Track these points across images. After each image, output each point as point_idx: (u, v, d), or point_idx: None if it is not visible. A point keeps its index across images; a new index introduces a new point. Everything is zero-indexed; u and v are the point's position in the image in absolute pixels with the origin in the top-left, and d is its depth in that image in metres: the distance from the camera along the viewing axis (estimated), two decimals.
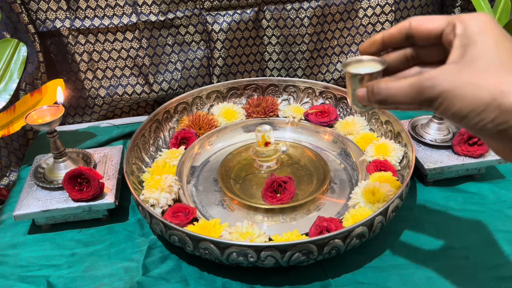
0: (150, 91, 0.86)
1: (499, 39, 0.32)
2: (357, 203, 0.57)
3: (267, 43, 0.87)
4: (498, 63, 0.31)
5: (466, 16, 0.33)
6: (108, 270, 0.54)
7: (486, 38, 0.32)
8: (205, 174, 0.68)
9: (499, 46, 0.32)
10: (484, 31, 0.32)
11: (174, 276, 0.53)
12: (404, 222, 0.59)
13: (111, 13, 0.79)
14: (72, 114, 0.88)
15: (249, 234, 0.51)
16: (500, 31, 0.32)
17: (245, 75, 0.89)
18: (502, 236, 0.56)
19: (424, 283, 0.50)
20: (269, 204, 0.59)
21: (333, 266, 0.53)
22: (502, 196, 0.62)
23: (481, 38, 0.32)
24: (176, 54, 0.85)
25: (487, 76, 0.31)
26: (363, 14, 0.86)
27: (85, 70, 0.83)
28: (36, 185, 0.62)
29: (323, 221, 0.53)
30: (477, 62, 0.32)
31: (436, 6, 0.90)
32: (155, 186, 0.59)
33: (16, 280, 0.53)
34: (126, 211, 0.63)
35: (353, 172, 0.66)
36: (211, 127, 0.74)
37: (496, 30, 0.32)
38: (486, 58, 0.31)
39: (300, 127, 0.75)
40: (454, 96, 0.31)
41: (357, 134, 0.70)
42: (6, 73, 0.75)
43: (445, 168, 0.63)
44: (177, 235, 0.51)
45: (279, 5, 0.83)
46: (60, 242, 0.59)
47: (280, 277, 0.52)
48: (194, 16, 0.82)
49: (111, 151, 0.69)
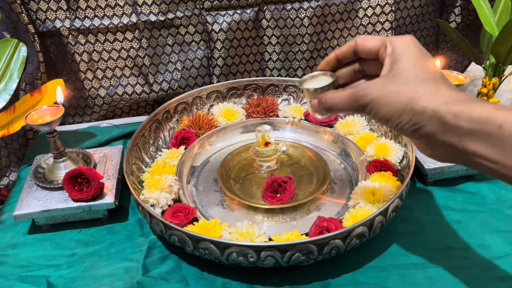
0: (150, 91, 0.86)
1: (418, 57, 0.40)
2: (357, 203, 0.57)
3: (267, 43, 0.87)
4: (415, 75, 0.38)
5: (395, 38, 0.41)
6: (108, 270, 0.54)
7: (408, 56, 0.39)
8: (205, 174, 0.68)
9: (417, 62, 0.39)
10: (407, 50, 0.40)
11: (174, 276, 0.53)
12: (404, 222, 0.59)
13: (111, 13, 0.79)
14: (72, 114, 0.88)
15: (249, 234, 0.51)
16: (419, 50, 0.40)
17: (245, 75, 0.89)
18: (502, 236, 0.56)
19: (424, 283, 0.50)
20: (269, 204, 0.59)
21: (333, 266, 0.53)
22: (502, 196, 0.62)
23: (404, 56, 0.40)
24: (176, 54, 0.85)
25: (405, 86, 0.38)
26: (363, 14, 0.86)
27: (85, 70, 0.83)
28: (36, 185, 0.62)
29: (323, 221, 0.53)
30: (399, 75, 0.39)
31: (436, 6, 0.90)
32: (155, 186, 0.59)
33: (16, 280, 0.53)
34: (126, 211, 0.63)
35: (353, 172, 0.66)
36: (211, 127, 0.74)
37: (416, 49, 0.40)
38: (406, 72, 0.39)
39: (300, 127, 0.75)
40: (381, 103, 0.39)
41: (357, 134, 0.70)
42: (6, 73, 0.75)
43: (445, 168, 0.63)
44: (177, 235, 0.51)
45: (279, 5, 0.83)
46: (60, 242, 0.59)
47: (280, 277, 0.52)
48: (194, 16, 0.82)
49: (111, 151, 0.69)
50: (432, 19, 0.91)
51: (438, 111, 0.36)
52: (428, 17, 0.90)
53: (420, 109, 0.37)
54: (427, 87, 0.37)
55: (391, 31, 0.87)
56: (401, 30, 0.89)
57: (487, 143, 0.34)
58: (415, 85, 0.38)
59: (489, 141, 0.34)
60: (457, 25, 0.91)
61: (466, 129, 0.35)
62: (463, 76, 0.64)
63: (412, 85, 0.38)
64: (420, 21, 0.90)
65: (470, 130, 0.34)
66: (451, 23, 0.91)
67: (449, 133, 0.36)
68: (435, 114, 0.36)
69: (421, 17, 0.90)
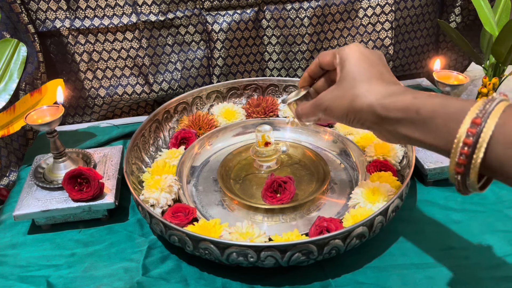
0: (150, 91, 0.86)
1: (358, 61, 0.45)
2: (357, 203, 0.57)
3: (267, 43, 0.87)
4: (353, 78, 0.44)
5: (342, 48, 0.47)
6: (108, 270, 0.54)
7: (350, 62, 0.45)
8: (205, 174, 0.68)
9: (356, 66, 0.45)
10: (349, 57, 0.46)
11: (174, 276, 0.53)
12: (404, 222, 0.59)
13: (111, 13, 0.79)
14: (72, 114, 0.88)
15: (249, 234, 0.51)
16: (359, 54, 0.45)
17: (245, 75, 0.89)
18: (502, 236, 0.56)
19: (424, 283, 0.50)
20: (269, 204, 0.59)
21: (333, 266, 0.53)
22: (502, 196, 0.62)
23: (347, 63, 0.45)
24: (176, 54, 0.85)
25: (347, 90, 0.44)
26: (363, 14, 0.86)
27: (85, 70, 0.83)
28: (36, 185, 0.62)
29: (323, 221, 0.53)
30: (344, 80, 0.45)
31: (436, 6, 0.90)
32: (155, 186, 0.59)
33: (16, 280, 0.53)
34: (126, 211, 0.63)
35: (353, 172, 0.66)
36: (211, 127, 0.74)
37: (356, 54, 0.46)
38: (349, 76, 0.45)
39: (300, 127, 0.75)
40: (332, 107, 0.46)
41: (357, 134, 0.70)
42: (6, 73, 0.75)
43: (445, 168, 0.63)
44: (177, 235, 0.51)
45: (279, 5, 0.83)
46: (60, 242, 0.59)
47: (280, 277, 0.52)
48: (194, 16, 0.82)
49: (111, 151, 0.69)
50: (432, 19, 0.91)
51: (371, 106, 0.42)
52: (428, 17, 0.90)
53: (358, 108, 0.43)
54: (362, 87, 0.43)
55: (391, 31, 0.87)
56: (401, 30, 0.89)
57: (412, 127, 0.39)
58: (354, 87, 0.43)
59: (413, 125, 0.39)
60: (457, 25, 0.91)
61: (396, 118, 0.40)
62: (463, 76, 0.64)
63: (352, 88, 0.44)
64: (420, 21, 0.90)
65: (398, 118, 0.40)
66: (451, 23, 0.91)
67: (384, 123, 0.42)
68: (370, 109, 0.42)
69: (421, 17, 0.90)
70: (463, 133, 0.34)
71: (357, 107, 0.43)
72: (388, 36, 0.87)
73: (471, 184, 0.36)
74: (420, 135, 0.39)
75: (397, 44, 0.91)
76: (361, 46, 0.47)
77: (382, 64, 0.46)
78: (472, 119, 0.34)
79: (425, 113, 0.38)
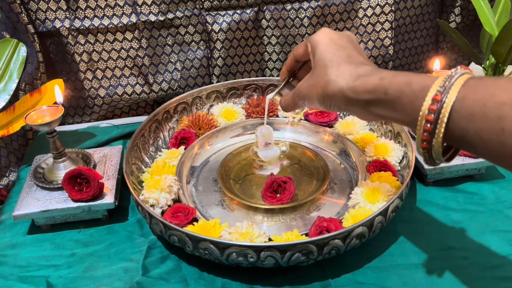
0: (149, 91, 0.86)
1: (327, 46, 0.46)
2: (357, 203, 0.57)
3: (267, 43, 0.87)
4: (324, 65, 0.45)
5: (311, 37, 0.48)
6: (107, 270, 0.54)
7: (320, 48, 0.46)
8: (205, 174, 0.67)
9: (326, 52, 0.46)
10: (319, 44, 0.47)
11: (174, 276, 0.53)
12: (404, 222, 0.59)
13: (110, 13, 0.79)
14: (71, 114, 0.88)
15: (249, 234, 0.51)
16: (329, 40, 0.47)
17: (245, 75, 0.89)
18: (502, 236, 0.56)
19: (424, 283, 0.50)
20: (269, 204, 0.59)
21: (333, 266, 0.53)
22: (502, 196, 0.62)
23: (317, 50, 0.47)
24: (176, 54, 0.85)
25: (319, 77, 0.45)
26: (363, 14, 0.86)
27: (85, 70, 0.83)
28: (35, 185, 0.62)
29: (323, 221, 0.53)
30: (316, 68, 0.46)
31: (436, 6, 0.90)
32: (154, 186, 0.58)
33: (16, 280, 0.53)
34: (125, 211, 0.63)
35: (353, 172, 0.66)
36: (211, 127, 0.74)
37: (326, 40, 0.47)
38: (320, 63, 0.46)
39: (300, 127, 0.75)
40: (309, 96, 0.47)
41: (357, 134, 0.70)
42: (6, 73, 0.75)
43: (445, 168, 0.63)
44: (176, 235, 0.51)
45: (279, 5, 0.83)
46: (59, 242, 0.59)
47: (280, 277, 0.52)
48: (193, 16, 0.82)
49: (111, 151, 0.69)
50: (432, 19, 0.91)
51: (342, 91, 0.43)
52: (428, 17, 0.90)
53: (331, 93, 0.44)
54: (332, 72, 0.44)
55: (391, 31, 0.87)
56: (401, 30, 0.89)
57: (383, 107, 0.41)
58: (325, 74, 0.44)
59: (383, 105, 0.40)
60: (457, 25, 0.91)
61: (366, 100, 0.42)
62: None
63: (324, 75, 0.45)
64: (420, 21, 0.90)
65: (369, 100, 0.41)
66: (451, 23, 0.91)
67: (357, 105, 0.43)
68: (341, 94, 0.43)
69: (421, 17, 0.89)
70: (425, 110, 0.35)
71: (330, 93, 0.44)
72: (388, 36, 0.87)
73: (437, 156, 0.37)
74: (391, 114, 0.40)
75: (397, 44, 0.91)
76: (329, 30, 0.48)
77: (351, 46, 0.47)
78: (433, 96, 0.35)
79: (392, 93, 0.39)
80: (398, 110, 0.39)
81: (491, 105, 0.32)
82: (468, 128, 0.34)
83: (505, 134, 0.31)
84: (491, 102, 0.32)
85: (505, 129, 0.31)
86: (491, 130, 0.32)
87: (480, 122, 0.33)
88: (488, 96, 0.32)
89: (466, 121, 0.34)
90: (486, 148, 0.33)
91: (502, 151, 0.32)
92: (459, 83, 0.35)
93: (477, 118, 0.33)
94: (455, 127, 0.35)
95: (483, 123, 0.33)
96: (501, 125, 0.31)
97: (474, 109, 0.33)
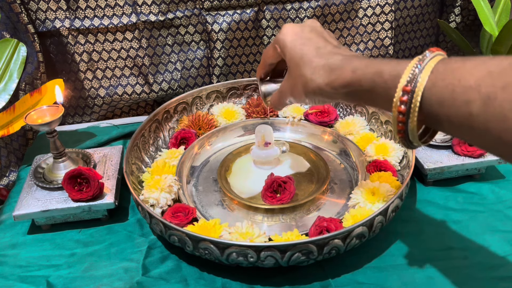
0: (149, 91, 0.86)
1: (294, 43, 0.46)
2: (357, 203, 0.57)
3: (267, 43, 0.87)
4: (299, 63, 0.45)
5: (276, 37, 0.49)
6: (107, 270, 0.54)
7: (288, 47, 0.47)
8: (205, 174, 0.67)
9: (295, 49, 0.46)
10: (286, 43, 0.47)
11: (174, 276, 0.53)
12: (404, 222, 0.59)
13: (110, 13, 0.79)
14: (71, 114, 0.88)
15: (249, 234, 0.51)
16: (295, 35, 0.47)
17: (245, 75, 0.89)
18: (502, 236, 0.56)
19: (424, 283, 0.50)
20: (269, 204, 0.59)
21: (333, 266, 0.53)
22: (502, 196, 0.62)
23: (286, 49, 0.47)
24: (176, 54, 0.85)
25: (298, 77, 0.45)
26: (363, 14, 0.86)
27: (85, 70, 0.83)
28: (35, 185, 0.62)
29: (323, 221, 0.53)
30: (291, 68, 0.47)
31: (436, 6, 0.90)
32: (154, 186, 0.58)
33: (16, 280, 0.53)
34: (126, 211, 0.63)
35: (353, 172, 0.66)
36: (211, 127, 0.74)
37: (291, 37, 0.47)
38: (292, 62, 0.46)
39: (300, 127, 0.75)
40: (293, 95, 0.48)
41: (357, 134, 0.70)
42: (6, 73, 0.75)
43: (445, 168, 0.63)
44: (177, 235, 0.51)
45: (279, 5, 0.83)
46: (59, 242, 0.59)
47: (280, 277, 0.52)
48: (194, 16, 0.82)
49: (111, 151, 0.69)
50: (432, 19, 0.91)
51: (320, 87, 0.44)
52: (428, 17, 0.90)
53: (311, 91, 0.45)
54: (306, 71, 0.44)
55: (391, 31, 0.87)
56: (401, 30, 0.89)
57: (362, 97, 0.42)
58: (300, 74, 0.45)
59: (362, 96, 0.41)
60: (457, 25, 0.91)
61: (344, 93, 0.42)
62: None
63: (299, 75, 0.45)
64: (420, 21, 0.90)
65: (346, 92, 0.42)
66: (451, 23, 0.91)
67: (338, 97, 0.44)
68: (321, 91, 0.44)
69: (421, 17, 0.90)
70: (397, 102, 0.36)
71: (310, 91, 0.45)
72: (388, 36, 0.87)
73: (414, 141, 0.38)
74: (371, 103, 0.42)
75: (397, 44, 0.91)
76: (292, 26, 0.48)
77: (316, 35, 0.47)
78: (403, 87, 0.35)
79: (366, 84, 0.40)
80: (376, 99, 0.40)
81: (459, 90, 0.32)
82: (439, 114, 0.34)
83: (473, 118, 0.31)
84: (458, 87, 0.32)
85: (473, 113, 0.31)
86: (460, 115, 0.32)
87: (450, 108, 0.33)
88: (455, 81, 0.33)
89: (437, 107, 0.34)
90: (458, 132, 0.34)
91: (473, 135, 0.33)
92: (428, 70, 0.35)
93: (446, 105, 0.33)
94: (428, 114, 0.35)
95: (452, 109, 0.33)
96: (469, 109, 0.31)
97: (444, 96, 0.33)
